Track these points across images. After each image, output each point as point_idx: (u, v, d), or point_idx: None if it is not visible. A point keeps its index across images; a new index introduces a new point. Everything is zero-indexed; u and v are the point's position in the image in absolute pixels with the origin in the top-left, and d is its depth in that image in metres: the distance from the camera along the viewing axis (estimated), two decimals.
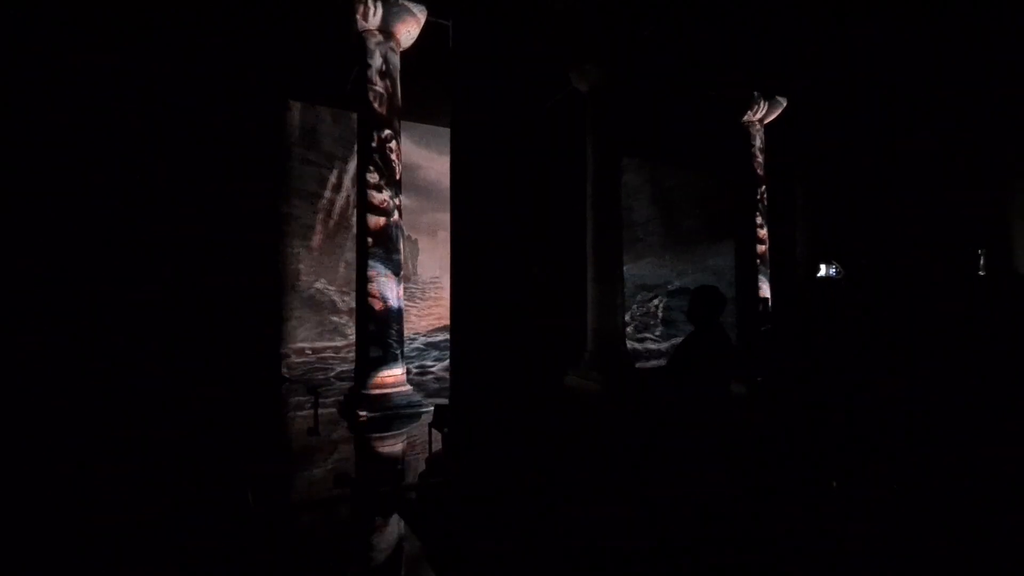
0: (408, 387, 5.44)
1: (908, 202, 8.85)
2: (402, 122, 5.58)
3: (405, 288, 5.68)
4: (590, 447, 3.87)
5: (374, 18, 5.25)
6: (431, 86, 5.85)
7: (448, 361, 5.18)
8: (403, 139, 5.68)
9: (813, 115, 8.43)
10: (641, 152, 9.42)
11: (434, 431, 4.40)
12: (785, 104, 8.01)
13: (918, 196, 8.76)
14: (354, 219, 6.13)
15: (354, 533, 3.31)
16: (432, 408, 4.96)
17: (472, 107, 3.85)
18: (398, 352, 5.37)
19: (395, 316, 5.36)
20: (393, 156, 5.40)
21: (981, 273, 8.08)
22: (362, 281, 5.35)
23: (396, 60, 5.47)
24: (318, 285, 6.97)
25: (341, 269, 7.10)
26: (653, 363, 9.46)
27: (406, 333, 5.71)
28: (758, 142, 8.08)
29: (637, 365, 8.02)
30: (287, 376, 6.47)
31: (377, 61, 5.34)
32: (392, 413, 5.11)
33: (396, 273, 5.40)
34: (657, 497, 2.78)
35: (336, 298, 7.09)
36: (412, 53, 5.64)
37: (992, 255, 8.28)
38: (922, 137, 8.66)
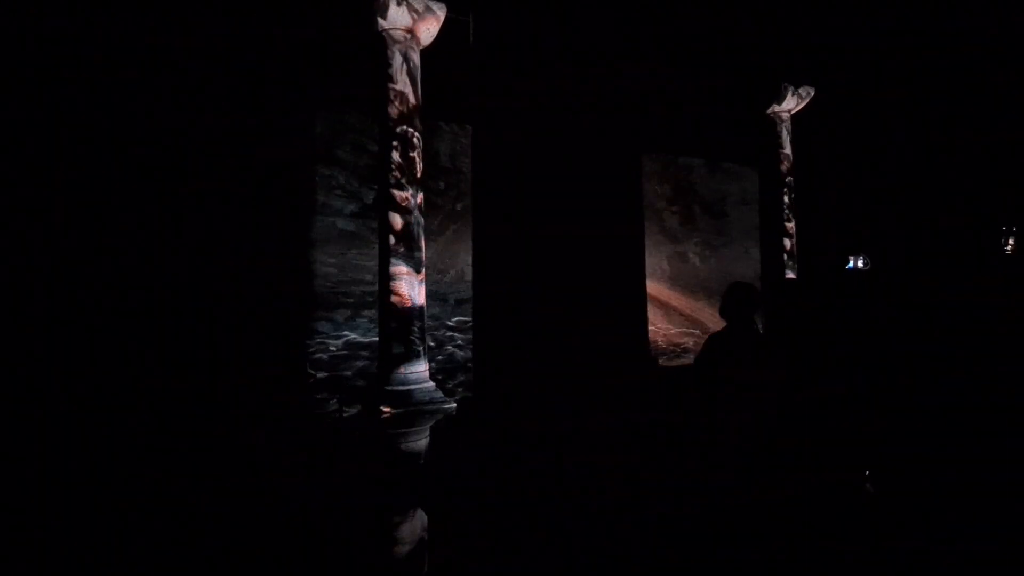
0: (431, 383, 5.48)
1: (942, 190, 8.52)
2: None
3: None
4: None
5: (394, 17, 5.28)
6: (451, 84, 5.86)
7: None
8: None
9: (842, 104, 8.17)
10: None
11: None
12: (813, 94, 7.79)
13: (951, 184, 8.43)
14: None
15: (379, 527, 3.35)
16: (454, 404, 5.00)
17: (491, 104, 3.85)
18: (420, 349, 5.40)
19: (417, 313, 5.39)
20: (414, 154, 5.43)
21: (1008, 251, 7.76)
22: (385, 279, 5.40)
23: (416, 59, 5.49)
24: None
25: None
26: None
27: None
28: (785, 134, 7.89)
29: (661, 363, 7.94)
30: (313, 375, 6.19)
31: (397, 60, 5.37)
32: (415, 409, 5.14)
33: (418, 271, 5.43)
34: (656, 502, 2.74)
35: None
36: (433, 50, 5.66)
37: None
38: (957, 124, 8.32)
